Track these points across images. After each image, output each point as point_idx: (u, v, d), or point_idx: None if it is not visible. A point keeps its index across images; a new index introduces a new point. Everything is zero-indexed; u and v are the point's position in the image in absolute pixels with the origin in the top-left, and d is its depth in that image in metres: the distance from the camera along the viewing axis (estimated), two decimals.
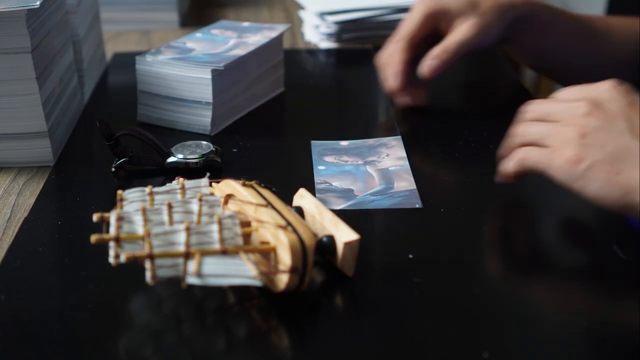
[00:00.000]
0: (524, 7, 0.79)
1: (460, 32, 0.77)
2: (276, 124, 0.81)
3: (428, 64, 0.77)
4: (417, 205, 0.62)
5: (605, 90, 0.56)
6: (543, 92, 2.18)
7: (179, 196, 0.54)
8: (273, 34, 0.84)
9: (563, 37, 0.82)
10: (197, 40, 0.83)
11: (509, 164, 0.59)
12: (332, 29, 1.04)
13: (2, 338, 0.48)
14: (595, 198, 0.53)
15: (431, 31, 0.79)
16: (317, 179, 0.66)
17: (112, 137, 0.67)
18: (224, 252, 0.47)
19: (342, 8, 1.05)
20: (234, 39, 0.82)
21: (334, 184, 0.66)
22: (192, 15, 1.22)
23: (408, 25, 0.79)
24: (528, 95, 0.86)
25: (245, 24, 0.89)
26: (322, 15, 1.05)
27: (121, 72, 0.96)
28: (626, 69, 0.85)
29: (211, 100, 0.75)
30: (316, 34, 1.07)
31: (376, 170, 0.68)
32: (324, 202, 0.62)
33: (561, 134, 0.55)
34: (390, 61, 0.80)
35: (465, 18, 0.77)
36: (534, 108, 0.60)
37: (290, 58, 0.92)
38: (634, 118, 0.54)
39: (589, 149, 0.53)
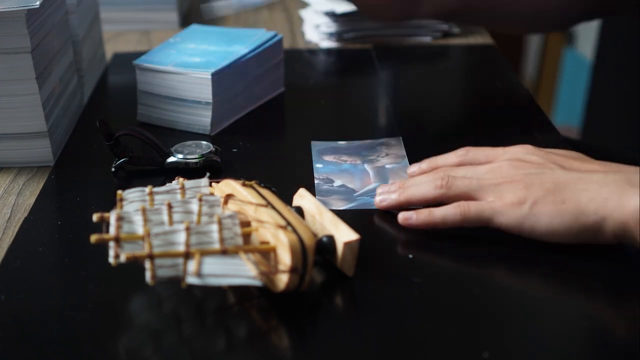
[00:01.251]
0: None
1: None
2: (276, 124, 0.81)
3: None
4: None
5: (520, 150, 0.58)
6: (543, 92, 2.18)
7: (178, 196, 0.54)
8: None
9: None
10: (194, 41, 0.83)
11: (446, 215, 0.56)
12: (333, 28, 1.04)
13: (2, 338, 0.48)
14: (548, 232, 0.53)
15: None
16: (315, 177, 0.66)
17: (112, 137, 0.67)
18: (223, 252, 0.47)
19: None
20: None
21: (332, 182, 0.66)
22: (192, 15, 1.22)
23: None
24: (528, 95, 0.86)
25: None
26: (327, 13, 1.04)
27: (121, 72, 0.96)
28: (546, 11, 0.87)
29: (211, 101, 0.75)
30: (317, 33, 1.07)
31: (373, 167, 0.68)
32: (323, 202, 0.62)
33: (496, 186, 0.55)
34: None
35: None
36: (451, 168, 0.59)
37: (290, 58, 0.92)
38: (559, 159, 0.56)
39: (528, 190, 0.54)
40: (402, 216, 0.58)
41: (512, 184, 0.55)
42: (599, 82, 1.36)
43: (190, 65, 0.75)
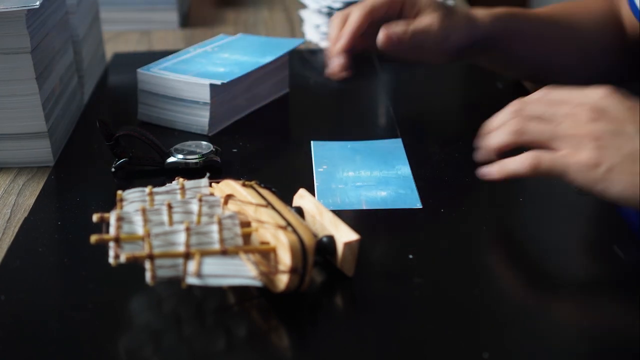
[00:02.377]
0: (491, 26, 0.77)
1: (425, 20, 0.74)
2: (276, 124, 0.81)
3: (386, 33, 0.72)
4: (417, 205, 0.62)
5: (603, 96, 0.55)
6: None
7: (178, 196, 0.54)
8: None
9: (530, 44, 0.81)
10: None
11: (517, 166, 0.55)
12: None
13: (2, 338, 0.48)
14: (619, 199, 0.52)
15: (395, 12, 0.75)
16: (315, 177, 0.67)
17: (112, 137, 0.67)
18: (223, 253, 0.47)
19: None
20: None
21: (331, 183, 0.66)
22: (192, 15, 1.22)
23: None
24: (528, 95, 0.86)
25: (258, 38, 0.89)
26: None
27: (121, 72, 0.96)
28: (593, 62, 0.85)
29: (209, 101, 0.75)
30: (317, 33, 1.07)
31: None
32: (323, 202, 0.62)
33: (572, 137, 0.53)
34: (348, 21, 0.74)
35: (434, 10, 0.74)
36: (528, 106, 0.58)
37: (290, 58, 0.91)
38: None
39: (605, 152, 0.52)
40: (480, 173, 0.58)
41: (589, 139, 0.53)
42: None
43: (189, 79, 0.76)
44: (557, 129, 0.54)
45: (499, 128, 0.58)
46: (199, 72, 0.77)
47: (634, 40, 0.83)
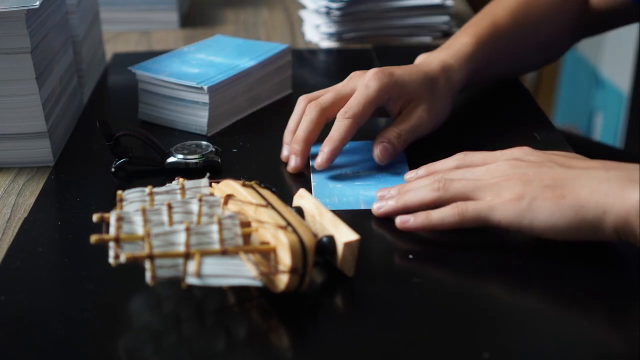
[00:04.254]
0: (467, 72, 0.76)
1: (415, 117, 0.70)
2: (276, 124, 0.81)
3: (383, 148, 0.67)
4: None
5: (519, 150, 0.58)
6: (543, 92, 2.18)
7: (178, 196, 0.54)
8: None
9: (500, 67, 0.82)
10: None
11: (443, 216, 0.55)
12: (333, 28, 1.04)
13: (2, 338, 0.48)
14: (548, 227, 0.53)
15: (376, 109, 0.70)
16: (313, 178, 0.67)
17: (112, 137, 0.67)
18: (223, 253, 0.47)
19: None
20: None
21: (330, 184, 0.66)
22: (192, 15, 1.22)
23: (362, 103, 0.67)
24: (528, 95, 0.86)
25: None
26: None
27: (121, 72, 0.96)
28: (552, 50, 0.88)
29: (207, 101, 0.75)
30: (317, 33, 1.07)
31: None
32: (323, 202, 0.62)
33: (494, 185, 0.55)
34: (334, 137, 0.67)
35: (421, 101, 0.70)
36: (448, 172, 0.59)
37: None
38: (558, 159, 0.56)
39: (527, 186, 0.54)
40: (399, 220, 0.57)
41: (510, 181, 0.55)
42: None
43: (185, 77, 0.76)
44: (479, 182, 0.56)
45: (420, 187, 0.58)
46: (172, 72, 0.77)
47: (600, 11, 0.87)
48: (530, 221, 0.53)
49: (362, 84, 0.69)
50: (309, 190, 0.61)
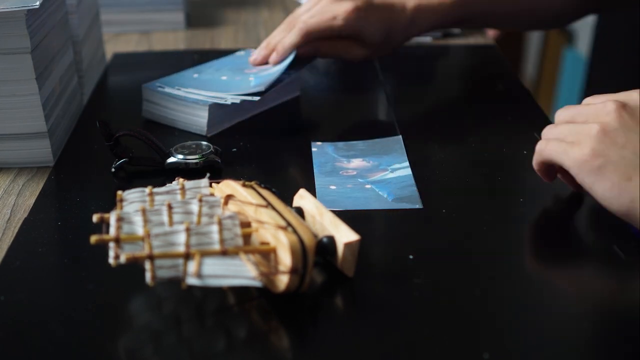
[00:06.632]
0: (447, 16, 0.83)
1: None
2: (276, 124, 0.81)
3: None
4: (417, 206, 0.62)
5: (635, 96, 0.57)
6: (543, 92, 2.18)
7: (178, 197, 0.54)
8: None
9: (488, 20, 0.88)
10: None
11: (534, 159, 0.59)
12: None
13: (2, 338, 0.48)
14: (602, 198, 0.53)
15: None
16: (315, 178, 0.67)
17: (112, 137, 0.67)
18: (224, 253, 0.47)
19: None
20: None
21: (331, 185, 0.66)
22: (192, 16, 1.22)
23: (322, 22, 0.80)
24: (528, 95, 0.86)
25: None
26: None
27: (121, 72, 0.96)
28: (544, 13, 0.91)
29: (208, 102, 0.75)
30: None
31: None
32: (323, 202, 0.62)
33: (583, 130, 0.55)
34: (285, 45, 0.81)
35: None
36: (562, 112, 0.60)
37: None
38: None
39: (606, 147, 0.53)
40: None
41: (596, 133, 0.54)
42: (595, 79, 1.39)
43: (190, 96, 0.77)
44: (575, 125, 0.56)
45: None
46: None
47: None
48: (592, 183, 0.54)
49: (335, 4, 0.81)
50: (312, 191, 0.61)
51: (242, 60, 0.86)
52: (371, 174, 0.67)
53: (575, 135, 0.56)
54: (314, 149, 0.72)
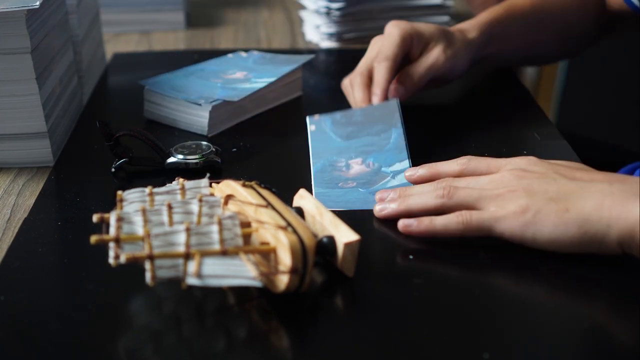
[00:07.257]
0: (482, 40, 0.82)
1: (432, 56, 0.79)
2: (276, 124, 0.81)
3: (393, 90, 0.78)
4: None
5: (521, 160, 0.58)
6: (543, 92, 2.18)
7: (178, 197, 0.54)
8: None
9: (516, 43, 0.87)
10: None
11: (446, 223, 0.56)
12: (333, 28, 1.04)
13: (2, 338, 0.48)
14: (551, 240, 0.53)
15: (407, 50, 0.79)
16: (313, 178, 0.66)
17: (112, 137, 0.67)
18: (224, 253, 0.47)
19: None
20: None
21: (331, 185, 0.66)
22: (192, 16, 1.22)
23: (390, 47, 0.77)
24: (528, 95, 0.86)
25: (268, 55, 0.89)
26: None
27: (121, 73, 0.96)
28: (572, 42, 0.92)
29: (209, 104, 0.75)
30: (317, 33, 1.07)
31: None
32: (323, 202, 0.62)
33: (498, 196, 0.55)
34: (378, 80, 0.77)
35: (437, 43, 0.79)
36: (453, 181, 0.59)
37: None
38: (562, 169, 0.56)
39: (531, 198, 0.54)
40: (402, 223, 0.57)
41: (515, 193, 0.54)
42: (574, 78, 1.45)
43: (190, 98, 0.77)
44: (484, 192, 0.56)
45: (424, 192, 0.58)
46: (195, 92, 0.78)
47: (614, 14, 0.90)
48: (534, 234, 0.53)
49: (384, 36, 0.79)
50: (310, 190, 0.61)
51: (228, 64, 0.87)
52: (371, 183, 0.66)
53: (489, 201, 0.55)
54: (310, 127, 0.71)
